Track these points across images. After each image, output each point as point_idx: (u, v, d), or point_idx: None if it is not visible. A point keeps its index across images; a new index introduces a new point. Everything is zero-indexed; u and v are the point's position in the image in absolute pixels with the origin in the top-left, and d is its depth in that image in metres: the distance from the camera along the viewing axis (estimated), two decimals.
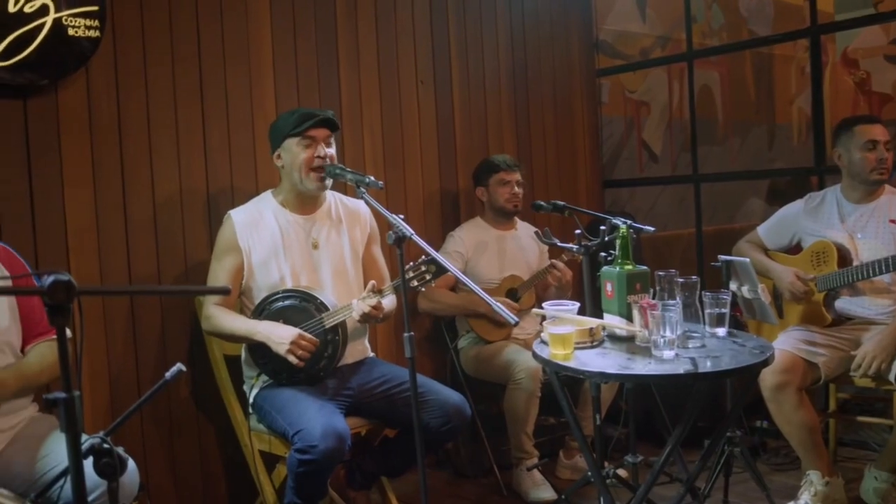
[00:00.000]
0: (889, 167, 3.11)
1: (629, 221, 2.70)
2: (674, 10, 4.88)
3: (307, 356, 2.62)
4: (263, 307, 2.75)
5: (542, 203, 3.54)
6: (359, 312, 2.63)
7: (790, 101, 5.87)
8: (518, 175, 3.72)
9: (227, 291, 2.71)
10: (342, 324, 2.69)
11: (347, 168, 2.73)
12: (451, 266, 2.41)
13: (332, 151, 2.80)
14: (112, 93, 2.91)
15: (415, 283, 2.55)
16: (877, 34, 5.15)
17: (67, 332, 1.38)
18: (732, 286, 3.02)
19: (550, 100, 4.49)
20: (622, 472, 2.90)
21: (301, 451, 2.44)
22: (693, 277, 2.49)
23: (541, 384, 3.31)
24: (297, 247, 2.83)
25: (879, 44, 5.29)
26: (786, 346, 2.96)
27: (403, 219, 2.32)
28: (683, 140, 5.13)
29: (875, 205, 3.14)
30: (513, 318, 2.26)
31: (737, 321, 3.30)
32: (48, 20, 2.67)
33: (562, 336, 2.29)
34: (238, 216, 2.83)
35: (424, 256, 2.51)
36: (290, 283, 2.78)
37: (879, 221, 3.10)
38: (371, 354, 3.01)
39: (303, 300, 2.72)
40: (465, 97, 4.08)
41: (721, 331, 2.46)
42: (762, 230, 3.44)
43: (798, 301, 3.18)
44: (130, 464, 1.94)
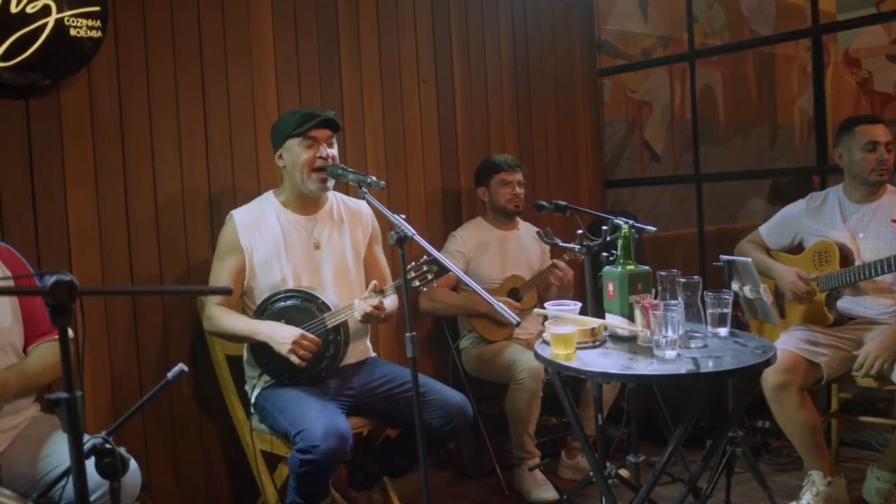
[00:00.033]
0: (889, 168, 3.10)
1: (631, 221, 2.70)
2: (675, 10, 4.87)
3: (309, 356, 2.63)
4: (265, 307, 2.76)
5: (544, 203, 3.54)
6: (360, 312, 2.63)
7: (792, 101, 5.85)
8: (520, 175, 3.72)
9: (229, 291, 2.72)
10: (344, 324, 2.69)
11: (349, 168, 2.73)
12: (453, 266, 2.42)
13: (335, 152, 2.80)
14: (114, 93, 2.91)
15: (416, 283, 2.55)
16: (879, 34, 5.13)
17: (69, 333, 1.38)
18: (734, 286, 3.02)
19: (552, 99, 4.49)
20: (624, 472, 2.90)
21: (303, 451, 2.44)
22: (695, 277, 2.49)
23: (543, 384, 3.31)
24: (299, 247, 2.83)
25: (881, 43, 5.27)
26: (788, 346, 2.95)
27: (405, 219, 2.32)
28: (685, 140, 5.12)
29: (877, 204, 3.14)
30: (514, 318, 2.26)
31: (739, 321, 3.30)
32: (50, 20, 2.68)
33: (564, 336, 2.29)
34: (240, 216, 2.83)
35: (426, 256, 2.51)
36: (292, 284, 2.79)
37: (881, 221, 3.09)
38: (373, 354, 3.01)
39: (305, 300, 2.72)
40: (467, 97, 4.08)
41: (723, 331, 2.46)
42: (764, 230, 3.44)
43: (800, 301, 3.18)
44: (132, 464, 1.94)
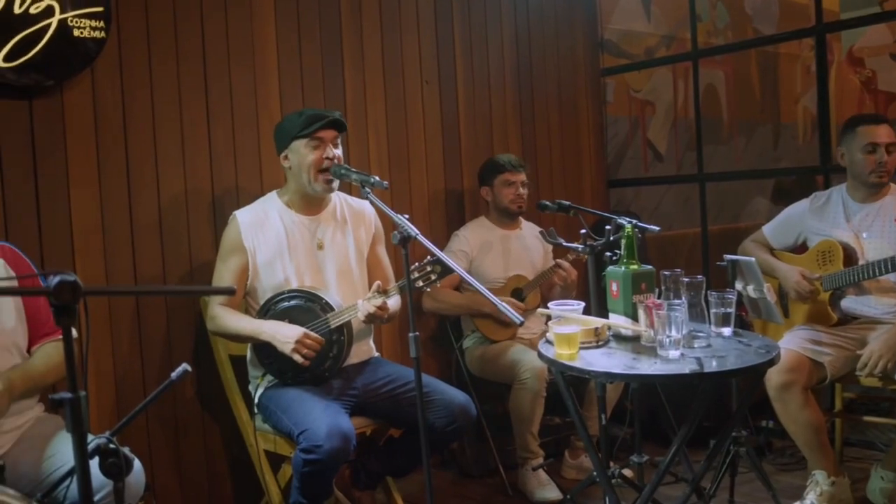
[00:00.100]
0: (889, 171, 3.09)
1: (634, 221, 2.69)
2: (679, 9, 4.87)
3: (312, 355, 2.63)
4: (269, 307, 2.76)
5: (548, 203, 3.53)
6: (364, 313, 2.63)
7: (795, 100, 5.85)
8: (523, 175, 3.71)
9: (233, 292, 2.72)
10: (347, 324, 2.70)
11: (352, 168, 2.73)
12: (457, 266, 2.41)
13: (339, 153, 2.80)
14: (117, 94, 2.92)
15: (420, 284, 2.55)
16: (882, 33, 5.12)
17: (73, 333, 1.39)
18: (738, 286, 3.01)
19: (555, 99, 4.49)
20: (627, 472, 2.90)
21: (306, 451, 2.44)
22: (698, 277, 2.48)
23: (546, 384, 3.31)
24: (302, 247, 2.83)
25: (885, 42, 5.26)
26: (791, 346, 2.95)
27: (408, 219, 2.32)
28: (688, 139, 5.12)
29: (881, 204, 3.13)
30: (518, 318, 2.26)
31: (742, 321, 3.30)
32: (53, 21, 2.68)
33: (567, 336, 2.29)
34: (243, 217, 2.83)
35: (430, 257, 2.51)
36: (295, 284, 2.79)
37: (885, 220, 3.09)
38: (376, 354, 3.01)
39: (308, 300, 2.72)
40: (470, 97, 4.08)
41: (726, 330, 2.46)
42: (767, 229, 3.43)
43: (804, 300, 3.17)
44: (136, 464, 1.94)
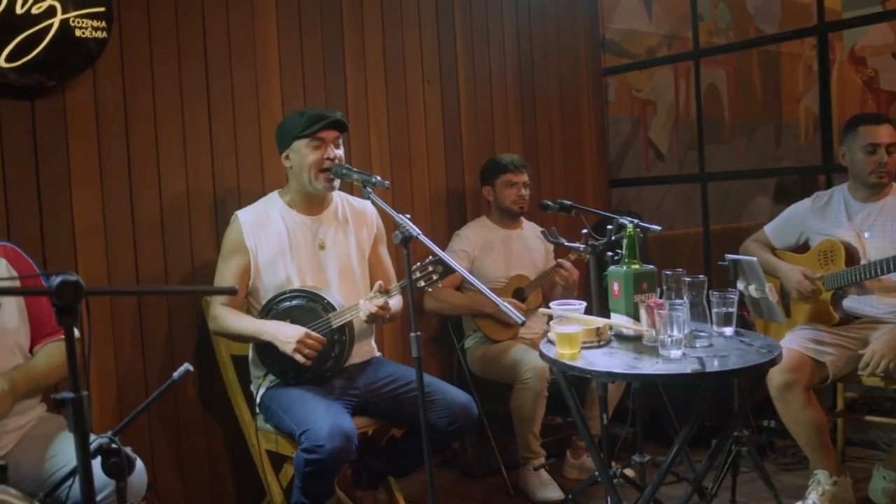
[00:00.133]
0: (890, 171, 3.08)
1: (636, 221, 2.69)
2: (680, 9, 4.87)
3: (314, 355, 2.63)
4: (271, 307, 2.76)
5: (549, 203, 3.53)
6: (366, 312, 2.63)
7: (797, 100, 5.85)
8: (525, 176, 3.70)
9: (234, 291, 2.71)
10: (349, 324, 2.70)
11: (354, 168, 2.73)
12: (459, 266, 2.41)
13: (341, 153, 2.79)
14: (119, 94, 2.92)
15: (422, 284, 2.55)
16: (884, 32, 5.12)
17: (75, 333, 1.39)
18: (740, 285, 3.01)
19: (557, 99, 4.49)
20: (629, 472, 2.89)
21: (308, 451, 2.44)
22: (700, 276, 2.48)
23: (548, 384, 3.31)
24: (304, 247, 2.83)
25: (887, 42, 5.26)
26: (793, 345, 2.94)
27: (410, 218, 2.32)
28: (690, 139, 5.12)
29: (882, 203, 3.13)
30: (519, 318, 2.25)
31: (744, 320, 3.29)
32: (55, 21, 2.68)
33: (569, 335, 2.29)
34: (245, 216, 2.83)
35: (431, 256, 2.51)
36: (297, 284, 2.79)
37: (887, 220, 3.08)
38: (378, 354, 3.01)
39: (310, 300, 2.72)
40: (472, 96, 4.07)
41: (728, 330, 2.46)
42: (769, 229, 3.43)
43: (805, 300, 3.17)
44: (138, 464, 1.94)
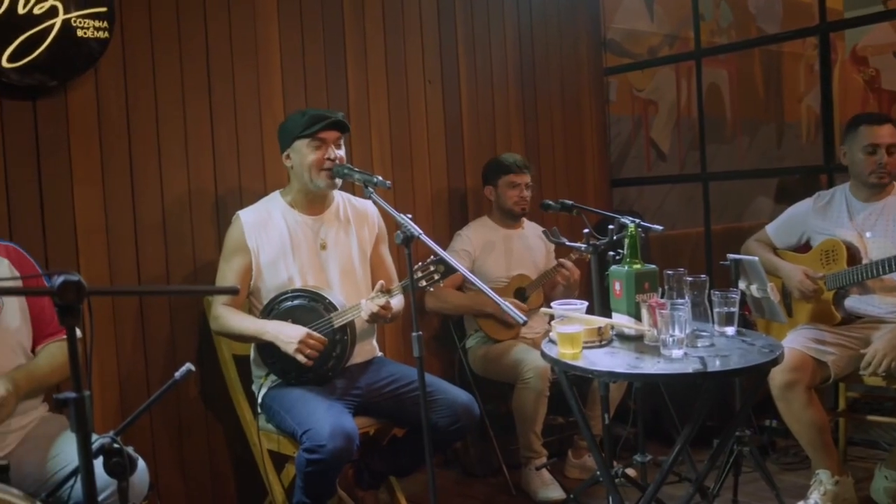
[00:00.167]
0: (890, 172, 3.08)
1: (637, 220, 2.69)
2: (682, 8, 4.87)
3: (315, 355, 2.63)
4: (272, 307, 2.76)
5: (551, 202, 3.53)
6: (367, 312, 2.63)
7: (799, 100, 5.84)
8: (527, 177, 3.70)
9: (236, 291, 2.70)
10: (350, 323, 2.70)
11: (355, 168, 2.73)
12: (461, 266, 2.41)
13: (342, 153, 2.79)
14: (121, 94, 2.92)
15: (423, 283, 2.55)
16: (886, 31, 5.12)
17: (77, 333, 1.39)
18: (741, 285, 3.01)
19: (558, 98, 4.49)
20: (631, 472, 2.89)
21: (309, 451, 2.44)
22: (702, 276, 2.48)
23: (549, 383, 3.31)
24: (305, 247, 2.83)
25: (889, 41, 5.26)
26: (795, 345, 2.94)
27: (411, 218, 2.31)
28: (691, 138, 5.12)
29: (884, 203, 3.12)
30: (521, 318, 2.25)
31: (746, 320, 3.29)
32: (57, 21, 2.68)
33: (570, 335, 2.29)
34: (246, 216, 2.83)
35: (433, 256, 2.51)
36: (299, 284, 2.79)
37: (889, 220, 3.08)
38: (379, 354, 3.01)
39: (311, 300, 2.72)
40: (473, 96, 4.07)
41: (730, 330, 2.46)
42: (771, 229, 3.42)
43: (807, 300, 3.17)
44: (140, 463, 1.94)
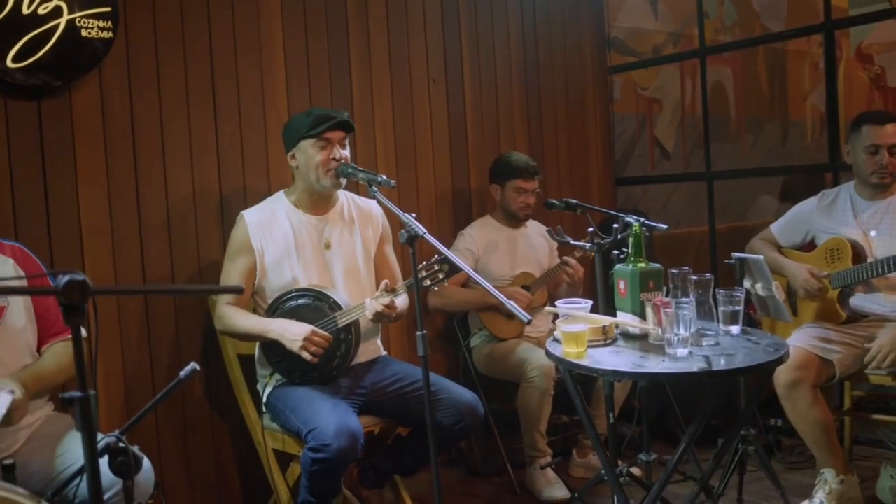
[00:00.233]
0: (892, 171, 3.06)
1: (642, 219, 2.69)
2: (686, 7, 4.85)
3: (320, 352, 2.63)
4: (277, 306, 2.76)
5: (555, 201, 3.52)
6: (372, 311, 2.63)
7: (804, 98, 5.82)
8: (536, 183, 3.69)
9: (241, 291, 2.73)
10: (355, 323, 2.70)
11: (360, 167, 2.73)
12: (465, 265, 2.41)
13: (347, 153, 2.79)
14: (125, 94, 2.93)
15: (428, 283, 2.55)
16: (892, 29, 5.09)
17: (82, 332, 1.39)
18: (746, 284, 3.00)
19: (562, 97, 4.48)
20: (636, 471, 2.89)
21: (314, 450, 2.45)
22: (706, 275, 2.48)
23: (554, 382, 3.31)
24: (310, 247, 2.83)
25: (894, 39, 5.24)
26: (800, 344, 2.94)
27: (415, 217, 2.32)
28: (696, 137, 5.10)
29: (889, 202, 3.12)
30: (526, 317, 2.25)
31: (751, 319, 3.28)
32: (61, 22, 2.69)
33: (575, 334, 2.29)
34: (251, 216, 2.84)
35: (437, 255, 2.51)
36: (303, 283, 2.79)
37: (893, 218, 3.07)
38: (384, 353, 3.01)
39: (316, 299, 2.72)
40: (477, 95, 4.07)
41: (735, 328, 2.45)
42: (776, 228, 3.42)
43: (812, 298, 3.16)
44: (146, 462, 1.95)
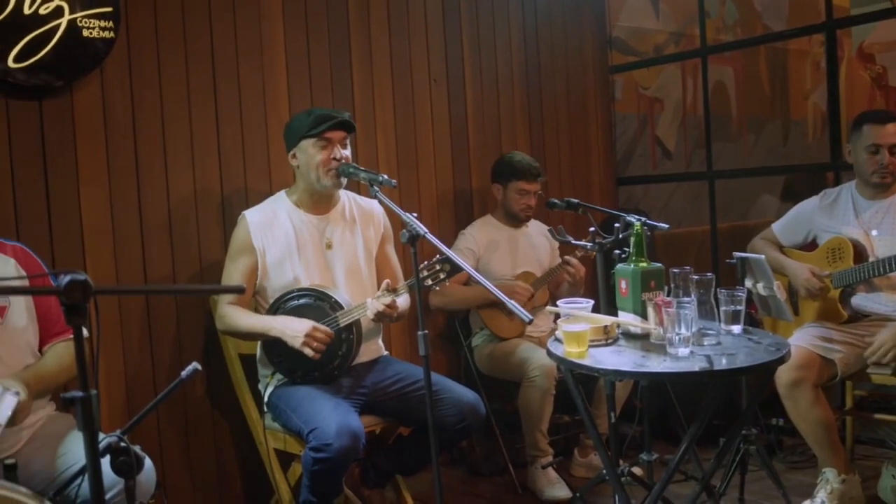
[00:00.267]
0: (893, 171, 3.05)
1: (643, 218, 2.69)
2: (687, 6, 4.85)
3: (322, 348, 2.62)
4: (278, 306, 2.76)
5: (556, 201, 3.52)
6: (373, 311, 2.63)
7: (805, 97, 5.82)
8: (538, 185, 3.69)
9: (242, 290, 2.72)
10: (357, 322, 2.70)
11: (361, 167, 2.73)
12: (466, 265, 2.41)
13: (348, 153, 2.79)
14: (126, 94, 2.93)
15: (429, 282, 2.55)
16: (893, 28, 5.09)
17: (84, 332, 1.39)
18: (748, 283, 3.00)
19: (564, 97, 4.48)
20: (637, 470, 2.89)
21: (316, 450, 2.45)
22: (708, 274, 2.47)
23: (555, 382, 3.31)
24: (311, 247, 2.83)
25: None
26: (802, 343, 2.93)
27: (417, 217, 2.32)
28: (697, 136, 5.10)
29: (890, 201, 3.11)
30: (527, 316, 2.25)
31: (752, 318, 3.28)
32: (63, 22, 2.69)
33: (576, 334, 2.29)
34: (252, 216, 2.84)
35: (439, 255, 2.51)
36: (305, 283, 2.79)
37: (895, 218, 3.06)
38: (385, 353, 3.01)
39: (317, 299, 2.72)
40: (478, 96, 4.07)
41: (736, 328, 2.45)
42: (777, 227, 3.42)
43: (814, 298, 3.16)
44: (147, 462, 1.95)
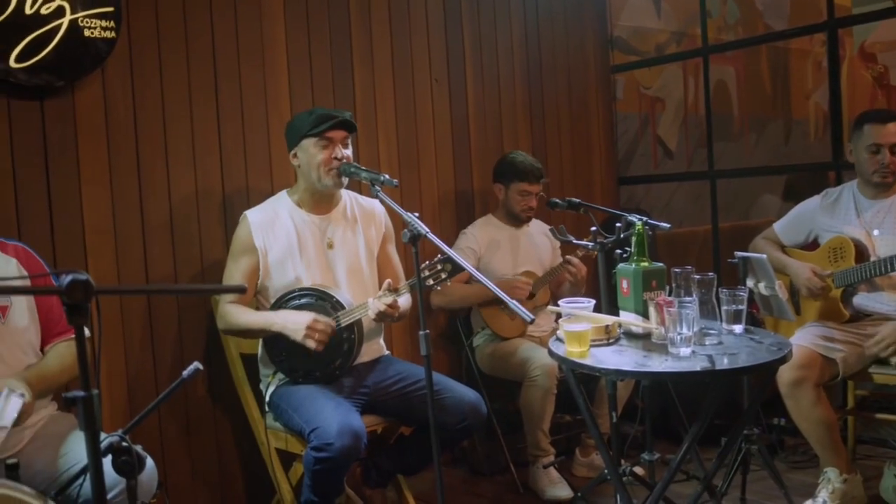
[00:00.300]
0: (894, 171, 3.06)
1: (644, 218, 2.69)
2: (689, 5, 4.85)
3: (325, 339, 2.62)
4: (280, 305, 2.76)
5: (558, 201, 3.52)
6: (374, 311, 2.63)
7: (807, 96, 5.82)
8: (540, 186, 3.69)
9: (243, 290, 2.72)
10: (358, 322, 2.70)
11: (362, 167, 2.73)
12: (468, 264, 2.41)
13: (349, 153, 2.79)
14: (128, 94, 2.93)
15: (431, 282, 2.54)
16: (895, 28, 5.09)
17: (86, 332, 1.39)
18: (749, 283, 3.00)
19: (565, 97, 4.48)
20: (639, 470, 2.89)
21: (317, 449, 2.45)
22: (709, 274, 2.48)
23: (557, 381, 3.31)
24: (313, 246, 2.83)
25: None
26: (803, 342, 2.93)
27: (418, 217, 2.32)
28: (699, 136, 5.10)
29: (891, 201, 3.11)
30: (528, 316, 2.25)
31: (754, 318, 3.28)
32: (64, 21, 2.69)
33: (578, 333, 2.29)
34: (254, 216, 2.84)
35: (440, 255, 2.51)
36: (306, 283, 2.79)
37: None
38: (386, 352, 3.01)
39: (319, 298, 2.73)
40: (480, 95, 4.07)
41: (738, 328, 2.45)
42: (779, 227, 3.41)
43: (815, 297, 3.16)
44: (149, 462, 1.95)
